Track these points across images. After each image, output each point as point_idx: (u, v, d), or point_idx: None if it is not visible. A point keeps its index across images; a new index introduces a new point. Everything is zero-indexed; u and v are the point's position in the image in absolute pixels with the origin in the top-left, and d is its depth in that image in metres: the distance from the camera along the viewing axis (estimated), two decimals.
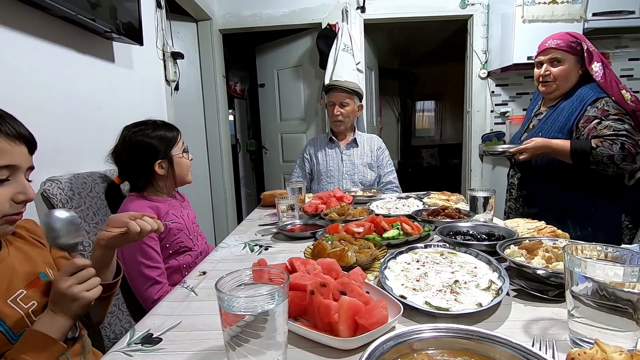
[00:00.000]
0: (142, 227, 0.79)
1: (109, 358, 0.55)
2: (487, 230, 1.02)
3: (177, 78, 2.32)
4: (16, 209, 0.65)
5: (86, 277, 0.65)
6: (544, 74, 1.51)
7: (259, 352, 0.46)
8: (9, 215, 0.65)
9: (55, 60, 1.31)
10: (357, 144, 2.09)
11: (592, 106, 1.40)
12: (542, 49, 1.52)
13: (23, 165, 0.66)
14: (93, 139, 1.48)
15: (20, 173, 0.66)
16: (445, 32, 4.27)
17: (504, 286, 0.66)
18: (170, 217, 1.24)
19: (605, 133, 1.33)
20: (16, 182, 0.65)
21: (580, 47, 1.45)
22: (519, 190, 1.62)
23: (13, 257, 0.70)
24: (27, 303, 0.67)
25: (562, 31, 1.54)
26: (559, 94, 1.52)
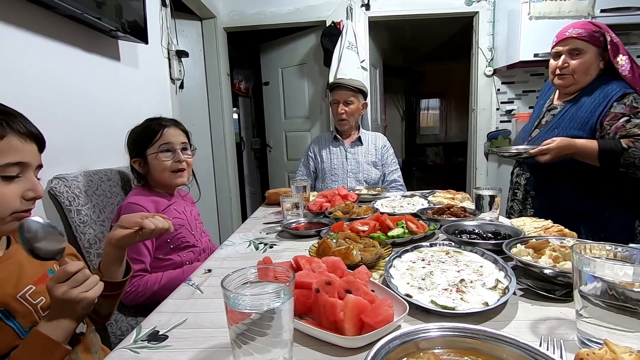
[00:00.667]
0: (155, 225, 0.80)
1: (116, 354, 0.56)
2: (493, 229, 1.02)
3: (181, 76, 2.32)
4: (26, 205, 0.66)
5: (81, 279, 0.62)
6: (561, 66, 1.37)
7: (264, 349, 0.46)
8: (19, 212, 0.65)
9: (62, 59, 1.32)
10: (362, 142, 2.08)
11: (619, 102, 1.28)
12: (561, 38, 1.37)
13: (33, 163, 0.67)
14: (99, 137, 1.49)
15: (30, 170, 0.67)
16: (450, 29, 4.24)
17: (511, 285, 0.66)
18: (172, 212, 1.25)
19: (636, 132, 1.22)
20: (26, 180, 0.66)
21: (603, 38, 1.32)
22: (526, 191, 1.50)
23: (22, 254, 0.71)
24: (36, 299, 0.68)
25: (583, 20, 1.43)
26: (577, 88, 1.39)
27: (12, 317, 0.63)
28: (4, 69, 1.08)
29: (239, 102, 4.25)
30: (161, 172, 1.25)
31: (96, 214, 1.24)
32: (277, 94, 3.53)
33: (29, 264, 0.71)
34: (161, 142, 1.24)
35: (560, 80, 1.40)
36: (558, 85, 1.44)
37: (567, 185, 1.37)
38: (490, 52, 2.93)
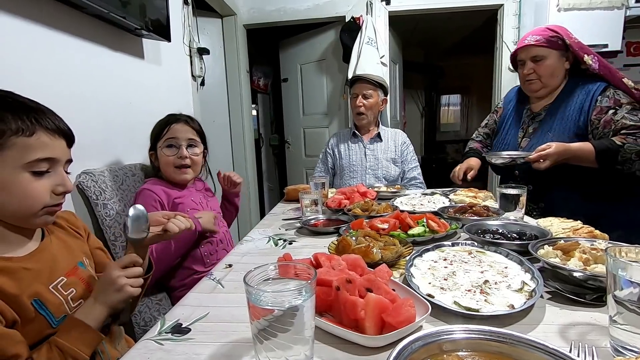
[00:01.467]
0: (179, 226, 0.83)
1: (142, 345, 0.57)
2: (518, 229, 0.99)
3: (202, 74, 2.36)
4: (56, 200, 0.68)
5: (135, 273, 0.70)
6: (527, 72, 1.44)
7: (286, 346, 0.46)
8: (50, 207, 0.67)
9: (90, 57, 1.36)
10: (381, 138, 2.06)
11: (603, 96, 1.33)
12: (521, 46, 1.46)
13: (62, 158, 0.69)
14: (124, 133, 1.53)
15: (60, 166, 0.69)
16: (473, 23, 4.13)
17: (538, 288, 0.63)
18: (189, 203, 1.29)
19: (625, 123, 1.27)
20: (56, 175, 0.68)
21: (562, 41, 1.38)
22: (533, 203, 1.45)
23: (55, 246, 0.74)
24: (66, 290, 0.71)
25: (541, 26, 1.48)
26: (547, 91, 1.46)
27: (45, 307, 0.66)
28: (37, 68, 1.12)
29: (258, 98, 4.28)
30: (165, 166, 1.29)
31: (121, 208, 1.28)
32: (296, 91, 3.54)
33: (61, 257, 0.73)
34: (167, 136, 1.27)
35: (530, 86, 1.47)
36: (529, 90, 1.50)
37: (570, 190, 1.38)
38: (515, 45, 2.83)
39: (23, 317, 0.63)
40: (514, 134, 1.56)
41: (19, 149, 0.62)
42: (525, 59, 1.44)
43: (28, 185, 0.64)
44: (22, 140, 0.62)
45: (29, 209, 0.65)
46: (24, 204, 0.64)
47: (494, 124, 1.76)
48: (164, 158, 1.27)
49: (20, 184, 0.63)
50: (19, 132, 0.62)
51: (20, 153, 0.62)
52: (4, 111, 0.62)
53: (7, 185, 0.62)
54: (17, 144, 0.62)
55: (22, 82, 1.07)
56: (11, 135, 0.61)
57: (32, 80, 1.10)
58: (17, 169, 0.62)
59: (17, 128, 0.62)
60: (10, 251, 0.66)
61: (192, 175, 1.33)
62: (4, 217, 0.65)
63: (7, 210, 0.64)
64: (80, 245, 0.81)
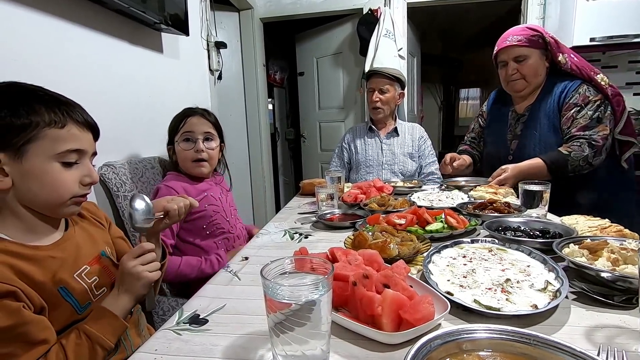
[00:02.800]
0: (177, 205, 0.84)
1: (161, 335, 0.58)
2: (541, 227, 0.95)
3: (220, 68, 2.37)
4: (83, 190, 0.71)
5: (149, 260, 0.72)
6: (511, 73, 1.46)
7: (302, 340, 0.46)
8: (77, 197, 0.70)
9: (111, 51, 1.38)
10: (398, 133, 2.02)
11: (575, 92, 1.40)
12: (503, 46, 1.46)
13: (89, 150, 0.72)
14: (144, 127, 1.56)
15: (87, 157, 0.71)
16: (494, 13, 4.00)
17: (563, 288, 0.61)
18: (209, 199, 1.29)
19: (580, 123, 1.38)
20: (83, 166, 0.70)
21: (542, 40, 1.41)
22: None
23: (78, 236, 0.76)
24: (90, 278, 0.73)
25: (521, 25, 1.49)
26: (530, 90, 1.48)
27: (71, 294, 0.68)
28: (60, 62, 1.15)
29: (274, 92, 4.28)
30: (183, 160, 1.29)
31: None
32: (312, 85, 3.52)
33: (85, 246, 0.76)
34: (184, 130, 1.28)
35: (514, 86, 1.49)
36: (513, 90, 1.52)
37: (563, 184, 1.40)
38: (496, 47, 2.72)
39: (50, 304, 0.65)
40: (502, 136, 1.61)
41: (51, 140, 0.65)
42: (508, 60, 1.47)
43: (58, 175, 0.66)
44: (54, 132, 0.65)
45: (59, 198, 0.67)
46: (54, 193, 0.66)
47: (479, 128, 1.82)
48: (182, 152, 1.28)
49: (51, 174, 0.65)
50: (51, 124, 0.64)
51: (52, 144, 0.65)
52: (38, 104, 0.64)
53: (40, 174, 0.65)
54: (49, 135, 0.64)
55: (46, 76, 1.10)
56: (44, 127, 0.64)
57: (55, 75, 1.13)
58: (48, 158, 0.65)
59: (50, 120, 0.64)
60: (38, 240, 0.68)
61: (209, 169, 1.33)
62: (35, 206, 0.67)
63: (39, 199, 0.66)
64: (102, 234, 0.83)
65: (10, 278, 0.59)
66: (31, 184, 0.65)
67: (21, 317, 0.57)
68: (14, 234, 0.65)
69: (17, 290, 0.59)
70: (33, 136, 0.63)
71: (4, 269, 0.59)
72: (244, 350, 0.54)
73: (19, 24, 1.02)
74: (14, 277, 0.60)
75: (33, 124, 0.63)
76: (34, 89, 0.67)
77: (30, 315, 0.59)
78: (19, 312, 0.57)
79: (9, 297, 0.57)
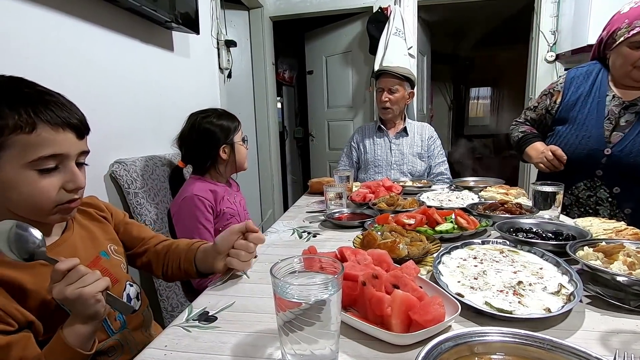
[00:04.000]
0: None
1: (170, 331, 0.59)
2: (553, 229, 0.93)
3: (229, 66, 2.38)
4: (68, 196, 0.65)
5: (74, 277, 0.58)
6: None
7: (311, 340, 0.46)
8: (63, 204, 0.64)
9: (122, 49, 1.40)
10: (407, 132, 2.01)
11: None
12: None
13: (71, 153, 0.64)
14: (155, 124, 1.57)
15: (69, 161, 0.64)
16: (506, 11, 3.94)
17: (577, 291, 0.60)
18: (226, 202, 1.29)
19: None
20: (65, 171, 0.64)
21: None
22: (618, 207, 1.25)
23: (77, 237, 0.73)
24: None
25: None
26: None
27: None
28: (73, 60, 1.16)
29: (283, 91, 4.29)
30: (244, 158, 1.36)
31: (151, 197, 1.32)
32: (321, 83, 3.52)
33: (83, 248, 0.73)
34: (240, 131, 1.36)
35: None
36: (636, 79, 1.23)
37: None
38: (554, 35, 2.68)
39: (45, 312, 0.62)
40: (597, 125, 1.29)
41: (20, 147, 0.58)
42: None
43: (35, 184, 0.60)
44: (21, 138, 0.57)
45: (40, 207, 0.62)
46: (33, 202, 0.61)
47: (544, 110, 1.47)
48: (244, 151, 1.36)
49: (27, 183, 0.60)
50: (17, 130, 0.57)
51: (21, 151, 0.58)
52: (3, 106, 0.57)
53: (15, 184, 0.59)
54: (17, 142, 0.57)
55: (58, 73, 1.11)
56: (10, 134, 0.57)
57: (67, 72, 1.15)
58: (21, 167, 0.59)
59: (14, 125, 0.57)
60: None
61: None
62: (20, 214, 0.63)
63: (21, 208, 0.62)
64: (104, 231, 0.81)
65: None
66: (9, 193, 0.60)
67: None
68: None
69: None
70: (1, 144, 0.56)
71: None
72: (253, 348, 0.54)
73: (34, 23, 1.03)
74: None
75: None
76: (4, 86, 0.60)
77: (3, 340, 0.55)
78: None
79: None
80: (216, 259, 0.79)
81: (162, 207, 1.37)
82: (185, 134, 1.30)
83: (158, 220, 1.32)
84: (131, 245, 0.89)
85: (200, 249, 0.85)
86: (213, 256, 0.79)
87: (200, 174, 1.32)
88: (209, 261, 0.81)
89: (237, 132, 1.34)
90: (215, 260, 0.79)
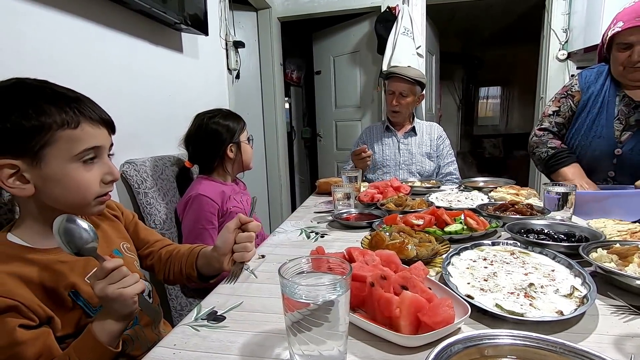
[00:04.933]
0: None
1: (179, 330, 0.59)
2: (565, 230, 0.92)
3: (238, 67, 2.40)
4: (105, 189, 0.69)
5: (117, 277, 0.61)
6: (637, 59, 1.17)
7: (320, 340, 0.46)
8: (101, 196, 0.69)
9: (133, 51, 1.41)
10: (416, 132, 1.99)
11: None
12: (631, 25, 1.16)
13: (106, 146, 0.69)
14: (164, 124, 1.59)
15: (104, 153, 0.69)
16: (517, 10, 3.89)
17: (590, 294, 0.59)
18: (232, 201, 1.30)
19: None
20: (102, 164, 0.68)
21: None
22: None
23: None
24: None
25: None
26: None
27: (82, 298, 0.68)
28: (86, 62, 1.18)
29: (291, 91, 4.30)
30: (250, 157, 1.38)
31: (161, 197, 1.34)
32: (329, 83, 3.51)
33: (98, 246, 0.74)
34: (246, 131, 1.37)
35: (636, 74, 1.21)
36: (632, 79, 1.24)
37: None
38: (565, 33, 2.63)
39: (62, 308, 0.64)
40: (608, 125, 1.29)
41: (67, 141, 0.62)
42: (635, 42, 1.17)
43: (81, 176, 0.64)
44: (68, 133, 0.62)
45: (83, 199, 0.66)
46: (78, 195, 0.65)
47: (569, 111, 1.44)
48: (250, 150, 1.37)
49: (72, 176, 0.64)
50: (64, 125, 0.61)
51: (68, 145, 0.62)
52: (47, 104, 0.61)
53: (61, 178, 0.63)
54: (63, 137, 0.61)
55: (71, 75, 1.13)
56: (57, 129, 0.61)
57: (79, 73, 1.17)
58: (67, 161, 0.63)
59: (62, 121, 0.61)
60: (48, 243, 0.67)
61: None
62: (60, 208, 0.65)
63: (63, 202, 0.65)
64: (117, 230, 0.83)
65: (12, 292, 0.58)
66: (54, 188, 0.63)
67: (15, 337, 0.56)
68: (30, 237, 0.65)
69: (18, 304, 0.57)
70: (48, 140, 0.60)
71: (9, 280, 0.58)
72: (261, 348, 0.54)
73: (48, 26, 1.05)
74: (17, 289, 0.59)
75: (45, 126, 0.60)
76: (40, 86, 0.64)
77: (26, 335, 0.57)
78: (13, 332, 0.56)
79: (9, 313, 0.57)
80: (221, 260, 0.81)
81: (171, 206, 1.38)
82: (192, 134, 1.32)
83: (167, 219, 1.33)
84: (137, 246, 0.90)
85: (201, 253, 0.86)
86: (216, 259, 0.81)
87: (207, 173, 1.34)
88: (213, 264, 0.83)
89: (243, 131, 1.35)
90: (220, 261, 0.81)
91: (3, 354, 0.56)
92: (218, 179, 1.33)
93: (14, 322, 0.57)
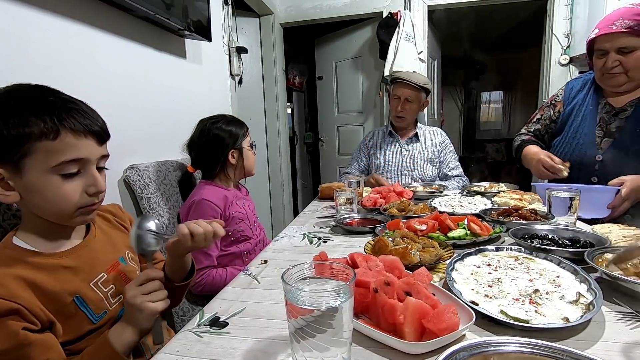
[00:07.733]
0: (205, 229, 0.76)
1: (182, 336, 0.59)
2: (570, 235, 0.91)
3: (240, 72, 2.41)
4: (90, 200, 0.67)
5: (151, 289, 0.64)
6: (611, 65, 1.21)
7: (323, 347, 0.45)
8: (85, 207, 0.67)
9: (136, 57, 1.43)
10: (419, 138, 1.99)
11: None
12: (604, 32, 1.20)
13: (92, 158, 0.66)
14: (167, 130, 1.60)
15: (90, 165, 0.66)
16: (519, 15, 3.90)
17: (597, 301, 0.58)
18: (235, 206, 1.30)
19: None
20: (87, 175, 0.66)
21: None
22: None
23: (98, 241, 0.75)
24: (106, 287, 0.72)
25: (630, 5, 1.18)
26: (632, 86, 1.25)
27: (86, 304, 0.67)
28: (91, 68, 1.19)
29: (293, 96, 4.32)
30: (253, 163, 1.38)
31: (164, 202, 1.34)
32: (331, 88, 3.53)
33: (103, 253, 0.75)
34: (249, 137, 1.37)
35: (612, 80, 1.25)
36: (610, 85, 1.28)
37: None
38: (567, 38, 2.64)
39: (65, 314, 0.64)
40: (589, 133, 1.33)
41: (45, 153, 0.60)
42: (610, 49, 1.21)
43: (58, 188, 0.63)
44: (46, 144, 0.60)
45: (63, 210, 0.65)
46: (57, 206, 0.64)
47: (548, 120, 1.52)
48: (252, 156, 1.38)
49: (49, 188, 0.62)
50: (42, 137, 0.60)
51: (46, 157, 0.61)
52: (27, 112, 0.60)
53: (39, 189, 0.62)
54: (41, 148, 0.60)
55: (76, 81, 1.14)
56: (35, 140, 0.59)
57: (85, 80, 1.18)
58: (45, 172, 0.61)
59: (40, 132, 0.59)
60: (58, 247, 0.67)
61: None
62: (45, 217, 0.66)
63: (46, 212, 0.65)
64: (124, 238, 0.83)
65: (15, 294, 0.57)
66: (33, 197, 0.63)
67: (20, 339, 0.56)
68: (33, 241, 0.66)
69: (20, 307, 0.57)
70: (27, 150, 0.59)
71: (12, 283, 0.58)
72: (264, 354, 0.54)
73: (54, 32, 1.06)
74: (20, 292, 0.58)
75: (25, 136, 0.59)
76: (30, 94, 0.63)
77: (31, 337, 0.57)
78: (17, 334, 0.56)
79: (11, 316, 0.56)
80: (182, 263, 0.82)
81: (174, 211, 1.38)
82: (195, 140, 1.33)
83: (170, 224, 1.33)
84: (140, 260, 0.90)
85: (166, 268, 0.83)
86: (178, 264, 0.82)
87: (210, 178, 1.34)
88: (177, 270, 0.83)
89: (246, 137, 1.36)
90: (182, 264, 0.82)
91: (8, 356, 0.56)
92: (221, 184, 1.33)
93: (16, 325, 0.56)
